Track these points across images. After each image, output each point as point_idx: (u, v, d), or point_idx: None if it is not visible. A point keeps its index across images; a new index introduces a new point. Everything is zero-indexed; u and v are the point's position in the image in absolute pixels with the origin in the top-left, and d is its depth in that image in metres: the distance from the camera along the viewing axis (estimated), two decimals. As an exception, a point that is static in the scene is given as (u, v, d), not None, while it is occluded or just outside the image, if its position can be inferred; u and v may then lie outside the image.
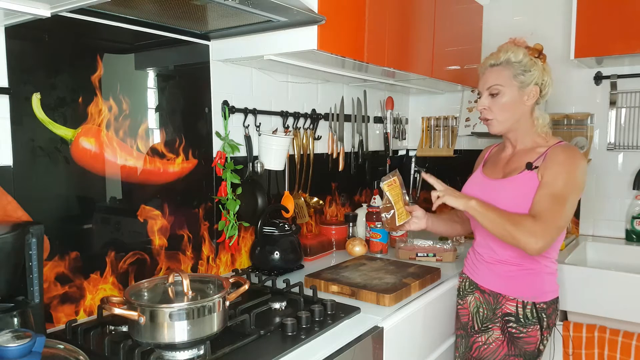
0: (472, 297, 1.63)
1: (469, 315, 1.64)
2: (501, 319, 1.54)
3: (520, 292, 1.52)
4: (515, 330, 1.52)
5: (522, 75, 1.49)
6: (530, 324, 1.50)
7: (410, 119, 2.98)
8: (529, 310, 1.50)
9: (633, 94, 2.31)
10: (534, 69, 1.49)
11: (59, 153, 1.33)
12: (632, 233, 2.32)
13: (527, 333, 1.51)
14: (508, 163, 1.59)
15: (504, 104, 1.51)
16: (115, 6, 1.29)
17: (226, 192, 1.77)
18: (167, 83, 1.62)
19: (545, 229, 1.36)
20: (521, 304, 1.51)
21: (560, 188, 1.41)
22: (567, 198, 1.40)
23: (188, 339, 1.09)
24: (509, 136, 1.59)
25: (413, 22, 2.04)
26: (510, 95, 1.50)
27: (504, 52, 1.52)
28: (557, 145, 1.51)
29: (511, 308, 1.52)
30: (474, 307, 1.62)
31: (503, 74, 1.51)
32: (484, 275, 1.60)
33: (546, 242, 1.36)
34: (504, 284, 1.55)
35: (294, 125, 2.10)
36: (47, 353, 0.88)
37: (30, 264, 1.09)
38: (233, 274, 1.81)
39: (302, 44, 1.53)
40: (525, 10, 2.56)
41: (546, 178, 1.43)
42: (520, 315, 1.51)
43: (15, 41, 1.23)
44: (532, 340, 1.51)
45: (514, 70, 1.49)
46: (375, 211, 2.14)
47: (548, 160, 1.47)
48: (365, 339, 1.33)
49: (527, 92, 1.50)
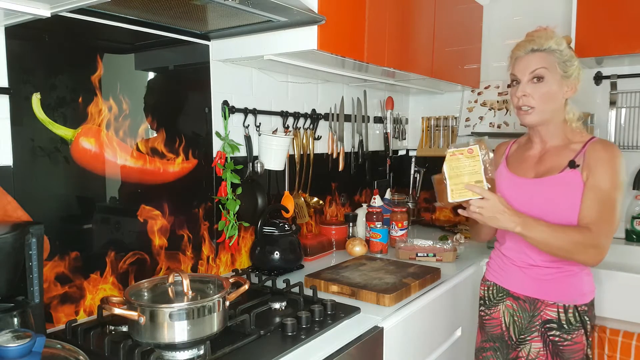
0: (502, 305, 1.52)
1: (502, 326, 1.53)
2: (541, 327, 1.43)
3: (561, 296, 1.41)
4: (558, 338, 1.41)
5: (565, 64, 1.38)
6: (574, 329, 1.40)
7: (410, 119, 2.99)
8: (572, 314, 1.40)
9: (633, 94, 2.31)
10: (574, 60, 1.40)
11: (59, 153, 1.33)
12: (632, 233, 2.32)
13: (573, 340, 1.40)
14: (541, 161, 1.47)
15: (547, 92, 1.38)
16: (115, 6, 1.29)
17: (226, 192, 1.77)
18: (167, 83, 1.62)
19: (602, 239, 1.31)
20: (562, 309, 1.40)
21: (608, 191, 1.33)
22: (616, 200, 1.33)
23: (188, 339, 1.09)
24: (540, 130, 1.46)
25: (413, 22, 2.04)
26: (554, 83, 1.38)
27: (547, 38, 1.38)
28: (594, 141, 1.40)
29: (552, 314, 1.42)
30: (509, 317, 1.50)
31: (549, 59, 1.38)
32: (516, 280, 1.48)
33: (605, 251, 1.31)
34: (542, 288, 1.44)
35: (294, 125, 2.10)
36: (47, 353, 0.88)
37: (30, 264, 1.09)
38: (233, 274, 1.81)
39: (302, 44, 1.53)
40: (525, 10, 2.56)
41: (592, 181, 1.34)
42: (563, 321, 1.40)
43: (15, 41, 1.23)
44: (578, 347, 1.40)
45: (558, 58, 1.38)
46: (375, 211, 2.15)
47: (589, 158, 1.36)
48: (365, 339, 1.33)
49: (569, 84, 1.40)
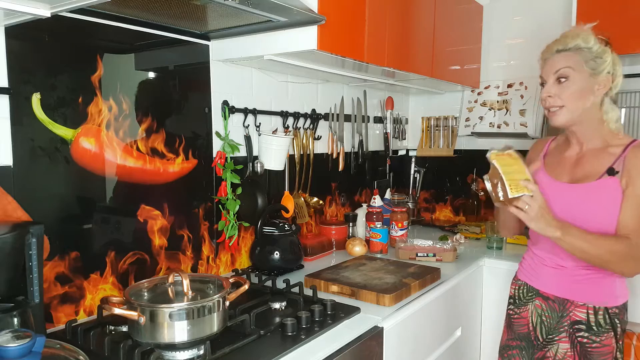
0: (532, 305, 1.49)
1: (529, 325, 1.50)
2: (569, 328, 1.40)
3: (591, 297, 1.37)
4: (587, 340, 1.37)
5: (594, 62, 1.34)
6: (603, 331, 1.36)
7: (410, 119, 2.99)
8: (602, 316, 1.36)
9: (633, 94, 2.31)
10: (606, 56, 1.35)
11: (59, 153, 1.33)
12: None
13: (602, 342, 1.36)
14: (578, 165, 1.41)
15: (574, 91, 1.35)
16: (115, 6, 1.29)
17: (226, 192, 1.77)
18: (167, 83, 1.62)
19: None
20: (592, 310, 1.37)
21: None
22: None
23: (188, 339, 1.09)
24: (575, 130, 1.41)
25: (413, 22, 2.04)
26: (581, 81, 1.34)
27: (572, 37, 1.36)
28: (635, 145, 1.34)
29: (581, 315, 1.38)
30: (537, 317, 1.48)
31: (573, 58, 1.35)
32: (546, 280, 1.46)
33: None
34: (572, 288, 1.40)
35: (294, 125, 2.10)
36: (47, 353, 0.88)
37: (30, 264, 1.09)
38: (233, 274, 1.81)
39: (302, 44, 1.53)
40: (525, 10, 2.56)
41: (632, 189, 1.29)
42: (592, 323, 1.36)
43: (15, 41, 1.23)
44: (607, 350, 1.36)
45: (585, 56, 1.34)
46: (375, 211, 2.15)
47: (629, 164, 1.31)
48: (365, 339, 1.33)
49: (599, 81, 1.35)
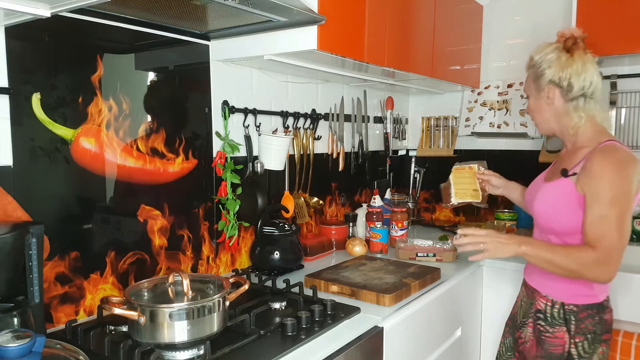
0: (520, 291, 1.63)
1: (516, 308, 1.64)
2: (533, 315, 1.51)
3: (551, 291, 1.46)
4: (543, 329, 1.47)
5: (538, 77, 1.44)
6: (556, 324, 1.44)
7: (410, 119, 2.99)
8: (557, 310, 1.44)
9: (633, 94, 2.31)
10: (550, 67, 1.41)
11: (59, 153, 1.33)
12: (632, 233, 2.32)
13: (554, 334, 1.44)
14: (556, 164, 1.52)
15: (533, 108, 1.50)
16: (115, 6, 1.29)
17: (226, 192, 1.77)
18: (167, 83, 1.62)
19: (608, 256, 1.29)
20: (550, 303, 1.46)
21: (607, 205, 1.29)
22: (617, 215, 1.29)
23: (188, 339, 1.09)
24: (558, 135, 1.52)
25: (413, 22, 2.04)
26: (533, 99, 1.49)
27: (532, 53, 1.47)
28: (595, 149, 1.36)
29: (542, 305, 1.48)
30: (520, 300, 1.62)
31: (527, 79, 1.51)
32: (529, 270, 1.59)
33: (616, 267, 1.31)
34: (541, 280, 1.50)
35: (294, 125, 2.10)
36: (47, 353, 0.88)
37: (30, 264, 1.09)
38: (233, 274, 1.81)
39: (302, 44, 1.53)
40: (525, 10, 2.56)
41: (590, 196, 1.32)
42: (548, 314, 1.46)
43: (15, 41, 1.23)
44: (558, 342, 1.43)
45: (533, 74, 1.46)
46: (375, 211, 2.15)
47: (585, 169, 1.35)
48: (365, 339, 1.33)
49: (543, 95, 1.45)
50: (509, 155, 2.63)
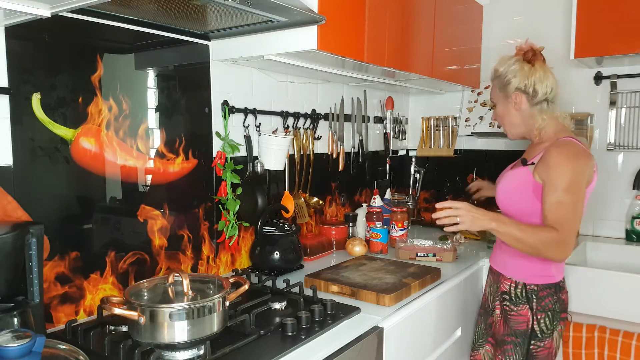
0: (488, 277, 1.80)
1: (486, 294, 1.80)
2: (499, 297, 1.66)
3: (514, 273, 1.63)
4: (508, 308, 1.62)
5: (503, 85, 1.61)
6: (520, 302, 1.60)
7: (410, 119, 2.99)
8: (520, 290, 1.60)
9: (633, 94, 2.31)
10: (515, 76, 1.57)
11: (59, 153, 1.33)
12: (632, 233, 2.32)
13: (518, 312, 1.60)
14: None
15: (501, 115, 1.67)
16: (115, 6, 1.29)
17: (226, 192, 1.77)
18: (167, 83, 1.62)
19: (566, 237, 1.44)
20: (514, 284, 1.62)
21: (563, 192, 1.45)
22: (572, 200, 1.46)
23: (188, 339, 1.09)
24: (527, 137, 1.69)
25: (413, 22, 2.04)
26: (500, 106, 1.66)
27: (496, 65, 1.65)
28: (552, 143, 1.54)
29: (506, 287, 1.64)
30: (488, 286, 1.78)
31: (494, 88, 1.67)
32: (495, 255, 1.75)
33: (571, 247, 1.47)
34: (503, 263, 1.67)
35: (294, 125, 2.10)
36: (47, 353, 0.88)
37: (30, 264, 1.09)
38: (233, 274, 1.81)
39: (302, 44, 1.53)
40: (525, 10, 2.56)
41: (548, 184, 1.48)
42: (512, 295, 1.62)
43: (15, 41, 1.23)
44: (522, 320, 1.59)
45: (499, 82, 1.63)
46: (375, 211, 2.15)
47: (542, 160, 1.52)
48: (365, 339, 1.33)
49: (511, 101, 1.61)
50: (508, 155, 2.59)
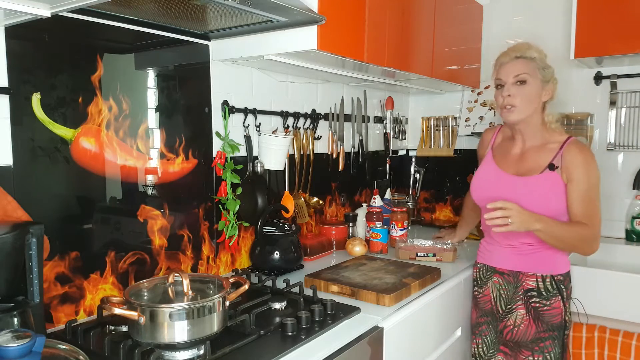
0: (491, 282, 1.73)
1: (492, 301, 1.73)
2: (523, 296, 1.64)
3: (538, 268, 1.63)
4: (539, 304, 1.61)
5: (544, 71, 1.58)
6: (552, 295, 1.61)
7: (410, 119, 2.99)
8: (549, 282, 1.61)
9: (633, 94, 2.31)
10: (551, 69, 1.60)
11: (59, 153, 1.33)
12: (632, 233, 2.32)
13: (551, 305, 1.60)
14: (521, 160, 1.66)
15: (529, 94, 1.57)
16: (115, 6, 1.29)
17: (226, 192, 1.77)
18: (167, 83, 1.62)
19: (598, 232, 1.55)
20: (540, 278, 1.62)
21: (591, 189, 1.53)
22: (597, 195, 1.55)
23: (188, 339, 1.09)
24: (521, 128, 1.64)
25: (413, 22, 2.04)
26: (534, 86, 1.58)
27: (527, 47, 1.59)
28: (570, 143, 1.58)
29: (531, 283, 1.63)
30: (496, 291, 1.71)
31: (530, 65, 1.58)
32: (500, 258, 1.70)
33: (599, 242, 1.56)
34: (522, 262, 1.65)
35: (294, 125, 2.10)
36: (47, 353, 0.88)
37: (30, 264, 1.09)
38: (233, 274, 1.81)
39: (302, 44, 1.53)
40: (525, 10, 2.56)
41: (577, 182, 1.53)
42: (542, 289, 1.61)
43: (15, 41, 1.23)
44: (556, 312, 1.60)
45: (538, 65, 1.58)
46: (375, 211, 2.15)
47: (567, 161, 1.55)
48: (365, 339, 1.33)
49: (546, 88, 1.60)
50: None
